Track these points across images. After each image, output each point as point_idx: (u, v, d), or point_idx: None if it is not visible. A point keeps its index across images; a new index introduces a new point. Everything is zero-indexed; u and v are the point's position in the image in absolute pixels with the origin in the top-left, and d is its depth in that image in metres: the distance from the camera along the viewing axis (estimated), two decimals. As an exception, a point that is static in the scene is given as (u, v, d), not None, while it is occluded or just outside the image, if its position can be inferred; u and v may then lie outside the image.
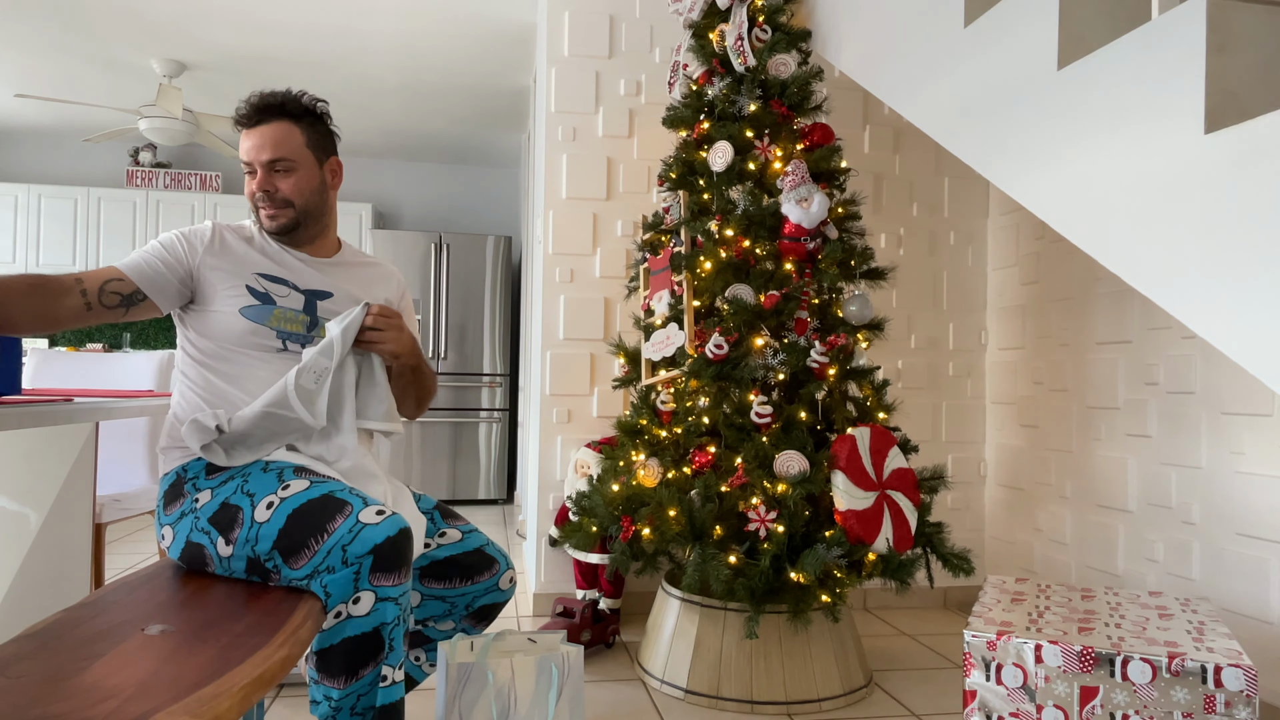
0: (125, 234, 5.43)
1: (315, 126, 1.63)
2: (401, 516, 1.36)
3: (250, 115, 1.57)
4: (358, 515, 1.32)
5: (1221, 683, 1.42)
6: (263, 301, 1.54)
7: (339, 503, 1.35)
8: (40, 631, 1.10)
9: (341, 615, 1.30)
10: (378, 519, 1.32)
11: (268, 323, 1.53)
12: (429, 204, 6.19)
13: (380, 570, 1.29)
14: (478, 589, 1.65)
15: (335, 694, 1.31)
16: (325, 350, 1.50)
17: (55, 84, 4.53)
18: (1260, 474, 2.03)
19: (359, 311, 1.53)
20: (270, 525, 1.35)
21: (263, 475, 1.44)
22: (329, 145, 1.66)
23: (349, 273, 1.69)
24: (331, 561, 1.30)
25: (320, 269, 1.65)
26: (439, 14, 3.64)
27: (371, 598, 1.30)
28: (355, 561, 1.28)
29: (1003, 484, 3.04)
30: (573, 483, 2.72)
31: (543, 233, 2.90)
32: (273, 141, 1.56)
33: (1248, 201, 1.04)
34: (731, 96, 2.33)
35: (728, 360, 2.13)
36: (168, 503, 1.50)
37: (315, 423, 1.48)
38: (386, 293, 1.75)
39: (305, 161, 1.60)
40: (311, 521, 1.33)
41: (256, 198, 1.59)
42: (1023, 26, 1.47)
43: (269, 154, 1.56)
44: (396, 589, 1.32)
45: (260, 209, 1.59)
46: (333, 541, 1.30)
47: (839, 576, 1.96)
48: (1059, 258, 2.77)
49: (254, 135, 1.57)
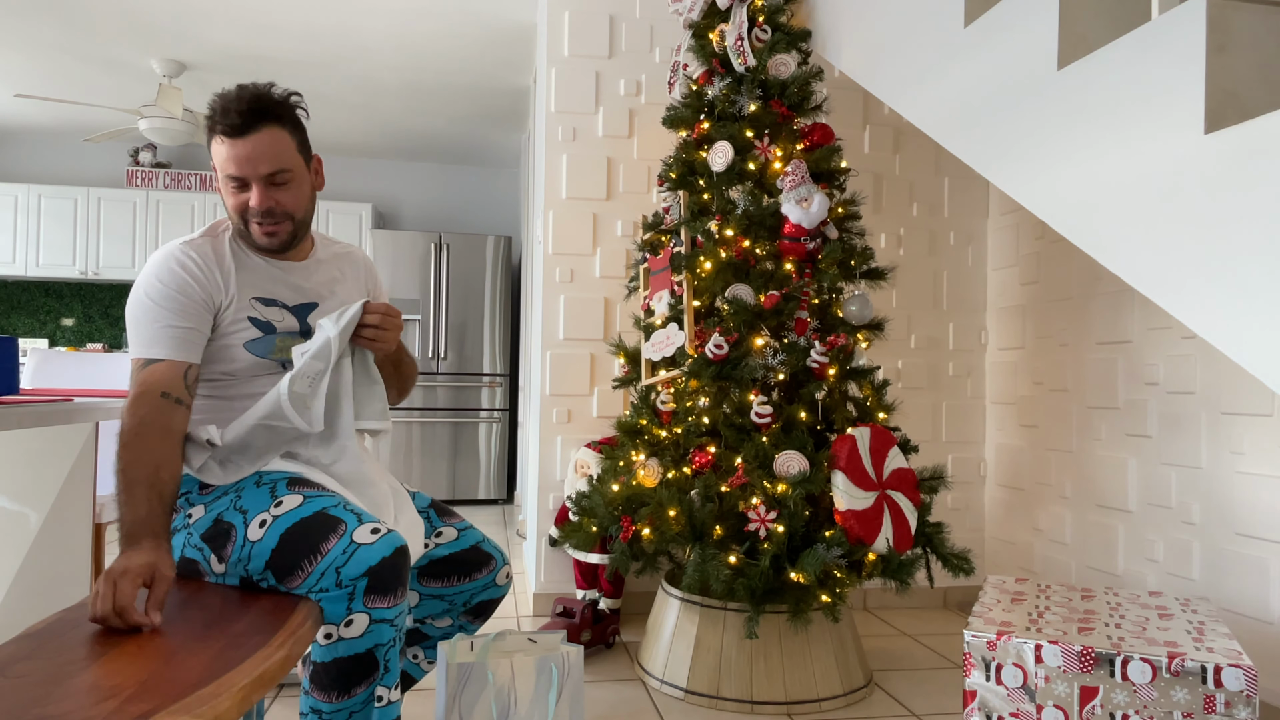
0: (125, 234, 5.43)
1: (298, 127, 1.49)
2: (398, 534, 1.31)
3: (239, 124, 1.38)
4: (352, 535, 1.28)
5: (1221, 683, 1.42)
6: (265, 332, 1.48)
7: (333, 521, 1.30)
8: (40, 631, 1.10)
9: (333, 637, 1.26)
10: (373, 538, 1.27)
11: (272, 355, 1.49)
12: (429, 204, 6.19)
13: (375, 592, 1.25)
14: (475, 586, 1.63)
15: (325, 708, 1.28)
16: (320, 353, 1.43)
17: (55, 84, 4.53)
18: (1260, 474, 2.03)
19: (356, 309, 1.47)
20: (263, 544, 1.31)
21: (255, 490, 1.40)
22: (308, 143, 1.54)
23: (327, 269, 1.62)
24: (325, 583, 1.26)
25: (302, 276, 1.56)
26: (439, 14, 3.64)
27: (365, 620, 1.26)
28: (349, 584, 1.24)
29: (1003, 484, 3.04)
30: (573, 483, 2.72)
31: (543, 233, 2.90)
32: (271, 152, 1.40)
33: (1248, 201, 1.04)
34: (731, 96, 2.33)
35: (728, 360, 2.13)
36: None
37: (311, 428, 1.42)
38: (362, 279, 1.69)
39: (299, 169, 1.47)
40: (304, 542, 1.29)
41: (251, 214, 1.43)
42: (1023, 26, 1.47)
43: (267, 166, 1.40)
44: (392, 610, 1.28)
45: (257, 225, 1.44)
46: (326, 563, 1.26)
47: (839, 576, 1.96)
48: (1059, 258, 2.77)
49: (244, 145, 1.39)
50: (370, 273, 1.73)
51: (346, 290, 1.63)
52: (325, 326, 1.45)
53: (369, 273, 1.73)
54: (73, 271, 5.38)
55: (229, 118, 1.38)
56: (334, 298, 1.59)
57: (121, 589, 1.11)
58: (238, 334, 1.45)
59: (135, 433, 1.31)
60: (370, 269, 1.73)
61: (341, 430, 1.49)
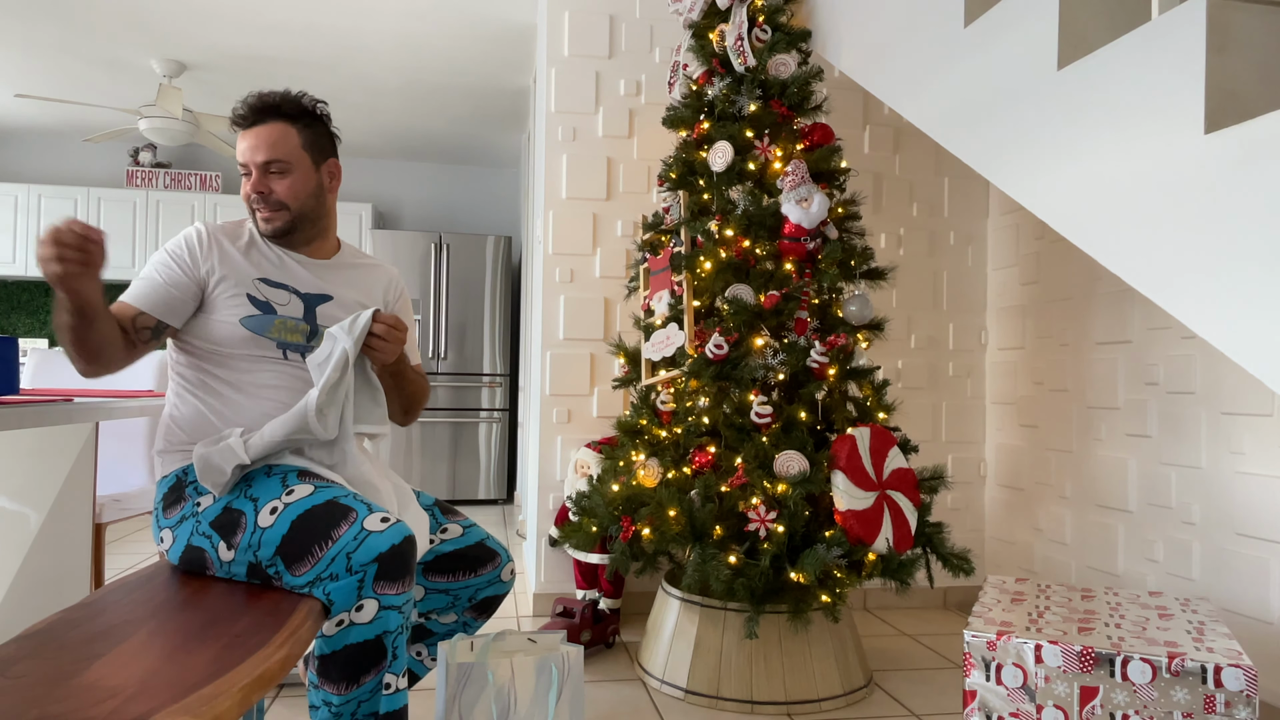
0: (125, 234, 5.43)
1: (313, 127, 1.60)
2: (406, 524, 1.35)
3: (247, 116, 1.55)
4: (362, 522, 1.31)
5: (1221, 683, 1.42)
6: (263, 311, 1.52)
7: (344, 509, 1.34)
8: (40, 631, 1.10)
9: (344, 623, 1.29)
10: (382, 526, 1.31)
11: (268, 333, 1.52)
12: (429, 204, 6.19)
13: (384, 578, 1.29)
14: (480, 581, 1.66)
15: (335, 700, 1.30)
16: (339, 365, 1.47)
17: (55, 84, 4.53)
18: (1260, 474, 2.03)
19: (366, 318, 1.50)
20: (274, 530, 1.34)
21: (266, 479, 1.43)
22: (327, 147, 1.63)
23: (348, 274, 1.68)
24: (335, 569, 1.29)
25: (319, 271, 1.63)
26: (439, 14, 3.64)
27: (375, 606, 1.29)
28: (360, 569, 1.28)
29: (1003, 484, 3.04)
30: (573, 483, 2.72)
31: (543, 233, 2.90)
32: (268, 143, 1.53)
33: (1248, 201, 1.04)
34: (731, 96, 2.33)
35: (728, 360, 2.13)
36: (167, 505, 1.49)
37: (326, 435, 1.47)
38: (386, 293, 1.74)
39: (301, 163, 1.57)
40: (316, 527, 1.32)
41: (252, 199, 1.56)
42: (1023, 26, 1.47)
43: (263, 155, 1.53)
44: (400, 597, 1.31)
45: (256, 211, 1.57)
46: (337, 549, 1.29)
47: (839, 576, 1.96)
48: (1059, 258, 2.77)
49: (250, 136, 1.54)
50: (395, 287, 1.77)
51: (363, 294, 1.68)
52: (338, 336, 1.48)
53: (394, 288, 1.76)
54: (73, 271, 5.38)
55: (239, 110, 1.56)
56: (349, 296, 1.64)
57: (55, 228, 1.22)
58: (234, 309, 1.51)
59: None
60: (398, 287, 1.78)
61: (343, 435, 1.51)
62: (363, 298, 1.67)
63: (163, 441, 1.54)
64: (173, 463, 1.52)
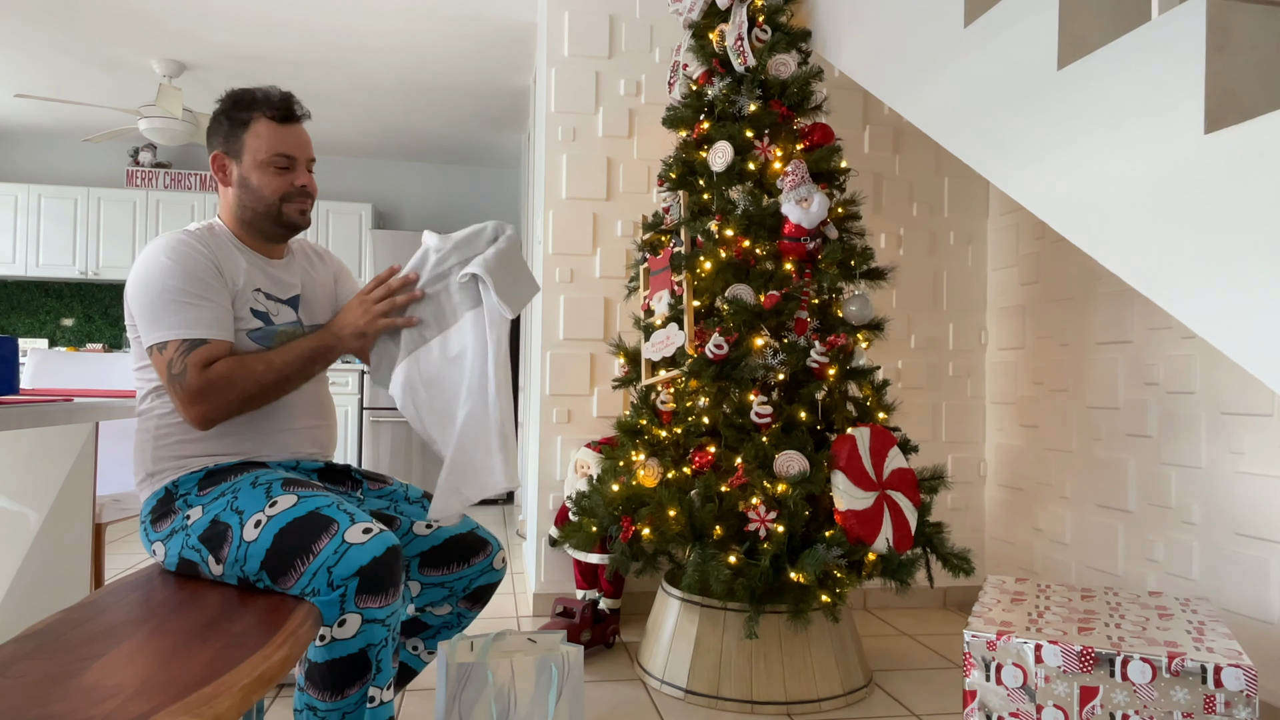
0: (125, 234, 5.43)
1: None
2: (390, 534, 1.32)
3: (291, 113, 1.56)
4: (344, 535, 1.29)
5: (1221, 683, 1.42)
6: (265, 323, 1.53)
7: (325, 520, 1.32)
8: (40, 631, 1.10)
9: (326, 639, 1.28)
10: (364, 538, 1.29)
11: (273, 346, 1.52)
12: (429, 204, 6.19)
13: (367, 592, 1.27)
14: (473, 571, 1.67)
15: (320, 705, 1.30)
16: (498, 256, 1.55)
17: (55, 84, 4.53)
18: (1260, 474, 2.03)
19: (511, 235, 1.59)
20: (258, 545, 1.33)
21: (251, 491, 1.41)
22: None
23: (300, 265, 1.69)
24: (317, 584, 1.27)
25: (285, 271, 1.64)
26: (439, 14, 3.64)
27: (358, 620, 1.27)
28: (341, 584, 1.26)
29: (1003, 484, 3.04)
30: (573, 483, 2.72)
31: (543, 233, 2.90)
32: (309, 141, 1.59)
33: (1247, 201, 1.04)
34: (731, 96, 2.33)
35: (728, 360, 2.13)
36: (156, 519, 1.47)
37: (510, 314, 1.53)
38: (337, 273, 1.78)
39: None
40: (297, 541, 1.30)
41: (292, 194, 1.55)
42: (1023, 26, 1.47)
43: (310, 152, 1.59)
44: (384, 610, 1.29)
45: (294, 205, 1.56)
46: (318, 563, 1.28)
47: (839, 576, 1.96)
48: (1059, 258, 2.77)
49: (295, 131, 1.56)
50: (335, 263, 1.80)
51: (321, 277, 1.71)
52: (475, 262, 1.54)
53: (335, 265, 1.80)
54: (73, 271, 5.38)
55: (284, 104, 1.55)
56: (313, 286, 1.67)
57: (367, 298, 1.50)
58: (241, 323, 1.50)
59: (226, 378, 1.41)
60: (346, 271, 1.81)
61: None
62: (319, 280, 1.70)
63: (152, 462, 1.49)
64: (163, 478, 1.48)
